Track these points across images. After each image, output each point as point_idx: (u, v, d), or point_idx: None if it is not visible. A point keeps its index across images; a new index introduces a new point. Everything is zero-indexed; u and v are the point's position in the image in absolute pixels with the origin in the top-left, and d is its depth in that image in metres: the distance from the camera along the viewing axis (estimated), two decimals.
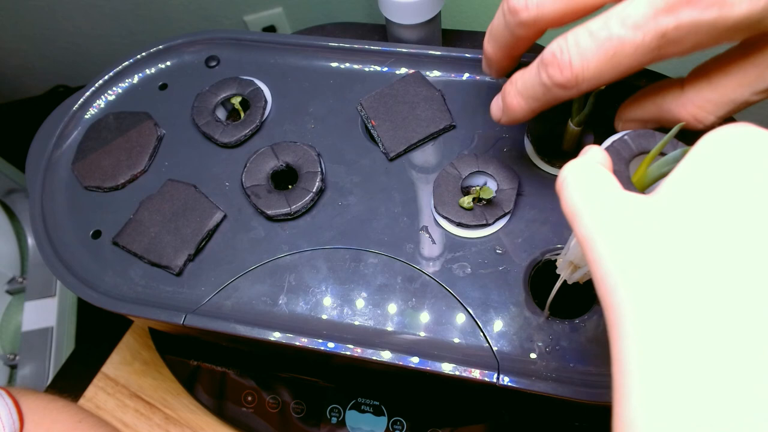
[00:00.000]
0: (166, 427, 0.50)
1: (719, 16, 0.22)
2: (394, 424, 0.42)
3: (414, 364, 0.31)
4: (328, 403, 0.43)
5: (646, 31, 0.22)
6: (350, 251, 0.36)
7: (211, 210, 0.37)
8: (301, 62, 0.43)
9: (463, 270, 0.34)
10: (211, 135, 0.40)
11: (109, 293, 0.36)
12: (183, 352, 0.46)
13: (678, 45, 0.23)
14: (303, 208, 0.37)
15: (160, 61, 0.45)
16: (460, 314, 0.33)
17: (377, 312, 0.34)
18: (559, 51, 0.24)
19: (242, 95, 0.42)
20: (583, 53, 0.24)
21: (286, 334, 0.32)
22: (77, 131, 0.43)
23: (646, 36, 0.23)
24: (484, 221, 0.34)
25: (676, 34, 0.23)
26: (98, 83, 0.44)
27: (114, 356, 0.53)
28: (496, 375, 0.30)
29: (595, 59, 0.24)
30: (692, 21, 0.22)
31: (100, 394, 0.52)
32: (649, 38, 0.23)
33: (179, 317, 0.34)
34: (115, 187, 0.40)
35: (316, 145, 0.39)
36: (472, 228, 0.35)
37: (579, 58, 0.24)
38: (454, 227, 0.35)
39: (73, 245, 0.38)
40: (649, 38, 0.23)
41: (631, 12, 0.23)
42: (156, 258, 0.36)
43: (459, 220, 0.34)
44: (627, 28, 0.23)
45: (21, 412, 0.36)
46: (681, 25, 0.22)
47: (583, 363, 0.31)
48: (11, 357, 0.87)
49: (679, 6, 0.22)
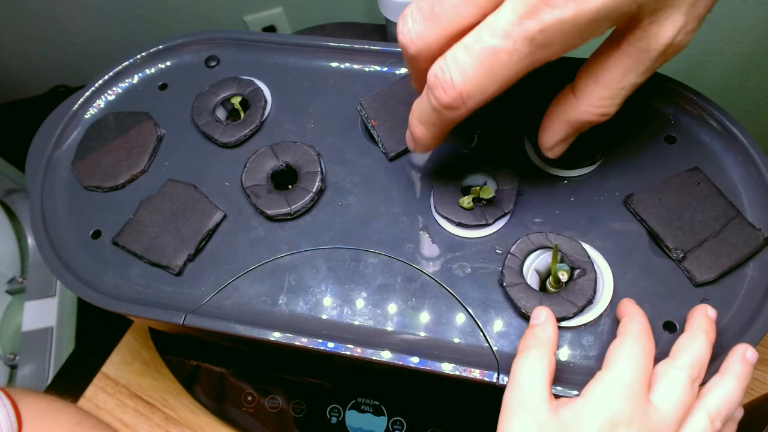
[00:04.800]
0: (166, 427, 0.50)
1: (578, 11, 0.23)
2: (394, 424, 0.42)
3: (414, 364, 0.31)
4: (328, 403, 0.43)
5: (515, 37, 0.24)
6: (350, 251, 0.36)
7: (211, 210, 0.37)
8: (301, 62, 0.43)
9: (463, 270, 0.34)
10: (211, 135, 0.40)
11: (109, 293, 0.36)
12: (183, 352, 0.46)
13: (549, 48, 0.24)
14: (303, 208, 0.37)
15: (160, 61, 0.45)
16: (460, 314, 0.33)
17: (377, 312, 0.34)
18: (440, 72, 0.25)
19: (242, 95, 0.42)
20: (463, 69, 0.25)
21: (286, 334, 0.32)
22: (77, 131, 0.43)
23: (516, 42, 0.24)
24: (484, 221, 0.34)
25: (544, 36, 0.23)
26: (98, 83, 0.44)
27: (114, 356, 0.53)
28: (496, 375, 0.30)
29: (475, 73, 0.24)
30: (554, 21, 0.23)
31: (100, 394, 0.52)
32: (519, 44, 0.24)
33: (179, 317, 0.34)
34: (115, 187, 0.40)
35: (316, 145, 0.39)
36: (472, 228, 0.35)
37: (459, 76, 0.25)
38: (454, 227, 0.35)
39: (73, 245, 0.38)
40: (520, 44, 0.24)
41: (499, 21, 0.24)
42: (156, 258, 0.36)
43: (459, 220, 0.34)
44: (497, 37, 0.24)
45: (19, 414, 0.36)
46: (545, 27, 0.23)
47: (583, 363, 0.31)
48: (11, 357, 0.87)
49: (539, 8, 0.23)
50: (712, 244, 0.32)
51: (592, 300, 0.32)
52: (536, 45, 0.24)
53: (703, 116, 0.37)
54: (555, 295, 0.32)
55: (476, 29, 0.24)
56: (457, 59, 0.25)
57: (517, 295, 0.32)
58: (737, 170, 0.35)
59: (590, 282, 0.32)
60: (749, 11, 0.66)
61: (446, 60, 0.25)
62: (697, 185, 0.34)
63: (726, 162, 0.36)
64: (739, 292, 0.32)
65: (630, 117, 0.37)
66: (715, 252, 0.32)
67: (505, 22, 0.23)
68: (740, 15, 0.66)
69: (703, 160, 0.36)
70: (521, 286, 0.32)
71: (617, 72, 0.27)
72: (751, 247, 0.32)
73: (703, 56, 0.72)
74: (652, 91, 0.38)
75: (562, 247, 0.33)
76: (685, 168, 0.35)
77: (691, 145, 0.37)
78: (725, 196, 0.34)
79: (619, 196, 0.35)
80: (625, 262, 0.33)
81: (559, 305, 0.31)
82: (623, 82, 0.27)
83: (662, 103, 0.38)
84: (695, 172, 0.35)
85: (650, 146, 0.37)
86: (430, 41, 0.26)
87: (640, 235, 0.34)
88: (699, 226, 0.33)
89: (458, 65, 0.25)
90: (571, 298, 0.31)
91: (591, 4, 0.22)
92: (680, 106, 0.37)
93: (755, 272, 0.32)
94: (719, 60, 0.73)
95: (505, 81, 0.25)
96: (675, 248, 0.33)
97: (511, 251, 0.33)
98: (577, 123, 0.29)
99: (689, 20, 0.25)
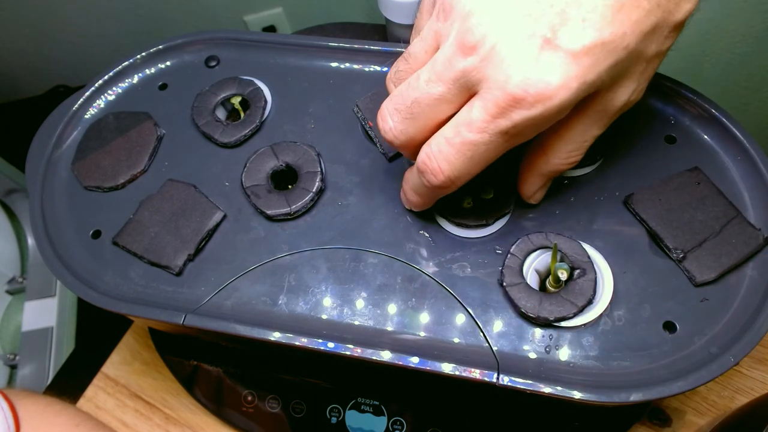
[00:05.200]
0: (166, 427, 0.50)
1: (545, 109, 0.25)
2: (394, 424, 0.42)
3: (414, 364, 0.31)
4: (328, 403, 0.43)
5: (490, 132, 0.26)
6: (350, 251, 0.36)
7: (211, 210, 0.37)
8: (301, 62, 0.43)
9: (463, 270, 0.34)
10: (211, 135, 0.40)
11: (109, 293, 0.36)
12: (183, 352, 0.46)
13: (522, 136, 0.27)
14: (303, 208, 0.37)
15: (160, 61, 0.45)
16: (460, 314, 0.33)
17: (377, 312, 0.34)
18: (428, 160, 0.28)
19: (242, 95, 0.42)
20: (447, 158, 0.27)
21: (286, 334, 0.32)
22: (77, 131, 0.43)
23: (491, 136, 0.26)
24: (484, 221, 0.34)
25: (516, 130, 0.26)
26: (98, 83, 0.44)
27: (114, 356, 0.53)
28: (496, 375, 0.30)
29: (459, 161, 0.27)
30: (524, 119, 0.25)
31: (100, 394, 0.52)
32: (495, 137, 0.26)
33: (179, 317, 0.34)
34: (115, 187, 0.40)
35: (316, 145, 0.39)
36: (472, 228, 0.35)
37: (446, 164, 0.28)
38: (454, 227, 0.35)
39: (72, 245, 0.38)
40: (495, 137, 0.26)
41: (474, 118, 0.26)
42: (156, 258, 0.36)
43: (459, 220, 0.34)
44: (474, 132, 0.26)
45: (17, 416, 0.36)
46: (517, 124, 0.25)
47: (583, 363, 0.31)
48: (11, 357, 0.87)
49: (508, 110, 0.25)
50: (712, 244, 0.32)
51: (592, 300, 0.32)
52: (509, 136, 0.26)
53: (703, 116, 0.37)
54: (555, 295, 0.32)
55: (454, 123, 0.27)
56: (441, 150, 0.27)
57: (517, 295, 0.32)
58: (737, 170, 0.35)
59: (590, 282, 0.32)
60: (749, 11, 0.66)
61: (431, 149, 0.28)
62: (697, 185, 0.34)
63: (726, 162, 0.36)
64: (739, 292, 0.32)
65: (630, 117, 0.37)
66: (715, 252, 0.32)
67: (480, 120, 0.26)
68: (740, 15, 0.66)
69: (703, 160, 0.36)
70: (521, 286, 0.32)
71: (579, 130, 0.29)
72: (751, 247, 0.32)
73: (703, 56, 0.73)
74: (652, 91, 0.38)
75: (562, 247, 0.33)
76: (685, 168, 0.35)
77: (691, 145, 0.37)
78: (725, 196, 0.34)
79: (619, 196, 0.35)
80: (625, 262, 0.33)
81: (558, 305, 0.31)
82: (586, 136, 0.30)
83: (662, 103, 0.38)
84: (695, 172, 0.35)
85: (650, 146, 0.37)
86: (413, 136, 0.29)
87: (640, 235, 0.34)
88: (699, 226, 0.33)
89: (443, 155, 0.27)
90: (571, 298, 0.31)
91: (556, 101, 0.25)
92: (680, 106, 0.37)
93: (755, 272, 0.32)
94: (719, 60, 0.73)
95: (488, 162, 0.28)
96: (675, 248, 0.33)
97: (511, 251, 0.33)
98: (550, 174, 0.32)
99: (640, 82, 0.28)
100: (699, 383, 0.29)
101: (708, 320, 0.31)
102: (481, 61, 0.25)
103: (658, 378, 0.30)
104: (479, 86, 0.26)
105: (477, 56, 0.25)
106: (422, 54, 0.29)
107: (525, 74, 0.24)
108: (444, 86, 0.27)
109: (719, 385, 0.46)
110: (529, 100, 0.25)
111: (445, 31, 0.27)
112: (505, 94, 0.25)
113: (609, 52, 0.25)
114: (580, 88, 0.25)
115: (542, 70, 0.24)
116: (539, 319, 0.31)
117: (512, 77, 0.24)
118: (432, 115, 0.28)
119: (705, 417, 0.45)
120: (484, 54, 0.25)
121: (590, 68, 0.25)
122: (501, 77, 0.25)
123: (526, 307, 0.32)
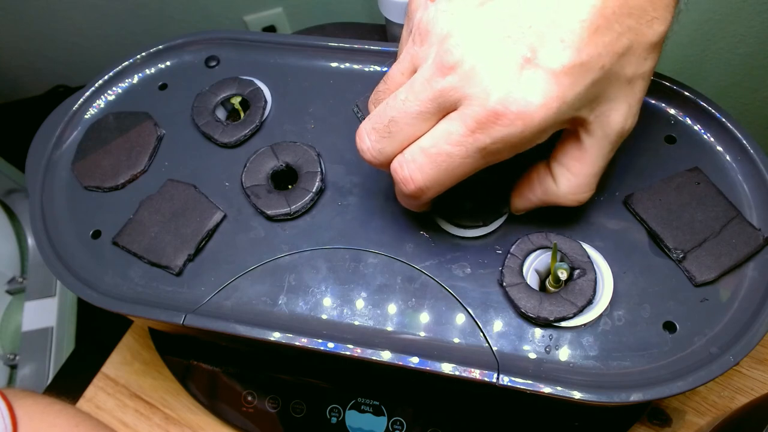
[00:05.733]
0: (166, 427, 0.50)
1: (525, 127, 0.25)
2: (394, 424, 0.42)
3: (414, 364, 0.31)
4: (328, 403, 0.43)
5: (467, 147, 0.26)
6: (350, 251, 0.36)
7: (210, 210, 0.37)
8: (301, 62, 0.43)
9: (463, 270, 0.34)
10: (210, 135, 0.40)
11: (108, 293, 0.36)
12: (183, 352, 0.46)
13: (499, 154, 0.26)
14: (303, 208, 0.37)
15: (159, 61, 0.45)
16: (460, 314, 0.33)
17: (377, 312, 0.34)
18: (399, 168, 0.28)
19: (242, 95, 0.42)
20: (421, 168, 0.27)
21: (286, 334, 0.32)
22: (77, 131, 0.43)
23: (468, 150, 0.26)
24: (481, 222, 0.34)
25: (494, 147, 0.26)
26: (98, 83, 0.44)
27: (114, 356, 0.53)
28: (495, 375, 0.30)
29: (432, 171, 0.27)
30: (504, 136, 0.25)
31: (100, 394, 0.52)
32: (472, 152, 0.26)
33: (179, 317, 0.34)
34: (114, 187, 0.40)
35: (316, 145, 0.39)
36: (470, 228, 0.35)
37: (418, 173, 0.27)
38: (454, 227, 0.35)
39: (72, 245, 0.38)
40: (472, 152, 0.26)
41: (453, 131, 0.26)
42: (156, 258, 0.36)
43: (457, 219, 0.34)
44: (452, 144, 0.26)
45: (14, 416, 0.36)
46: (495, 140, 0.25)
47: (583, 363, 0.31)
48: (11, 357, 0.87)
49: (488, 126, 0.25)
50: (712, 244, 0.32)
51: (592, 300, 0.32)
52: (486, 152, 0.26)
53: (703, 116, 0.37)
54: (555, 295, 0.32)
55: (431, 134, 0.27)
56: (415, 159, 0.27)
57: (517, 295, 0.32)
58: (737, 170, 0.35)
59: (590, 282, 0.32)
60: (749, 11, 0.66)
61: (405, 157, 0.28)
62: (697, 185, 0.34)
63: (726, 162, 0.36)
64: (739, 292, 0.32)
65: None
66: (715, 252, 0.32)
67: (458, 134, 0.26)
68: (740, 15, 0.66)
69: (703, 160, 0.36)
70: (521, 286, 0.32)
71: (586, 162, 0.29)
72: (751, 247, 0.32)
73: (703, 56, 0.73)
74: (652, 91, 0.38)
75: (562, 247, 0.33)
76: (685, 168, 0.35)
77: (691, 145, 0.37)
78: (725, 196, 0.34)
79: (619, 196, 0.35)
80: (625, 262, 0.33)
81: (558, 305, 0.31)
82: (594, 168, 0.29)
83: (662, 103, 0.38)
84: (695, 172, 0.35)
85: (650, 146, 0.37)
86: (390, 155, 0.29)
87: (640, 235, 0.34)
88: (699, 226, 0.33)
89: (417, 164, 0.27)
90: (571, 298, 0.31)
91: (537, 120, 0.25)
92: (680, 106, 0.37)
93: (755, 272, 0.32)
94: (719, 60, 0.73)
95: (461, 176, 0.28)
96: (675, 248, 0.33)
97: (511, 251, 0.33)
98: (551, 203, 0.32)
99: (631, 104, 0.28)
100: (699, 383, 0.29)
101: (708, 320, 0.31)
102: (460, 80, 0.25)
103: (658, 378, 0.30)
104: (458, 104, 0.26)
105: (456, 75, 0.25)
106: (399, 76, 0.29)
107: (506, 91, 0.24)
108: (422, 105, 0.26)
109: (719, 385, 0.46)
110: (510, 117, 0.24)
111: (423, 54, 0.27)
112: (486, 110, 0.25)
113: (587, 72, 0.25)
114: (560, 108, 0.25)
115: (524, 89, 0.24)
116: (539, 319, 0.31)
117: (493, 94, 0.25)
118: (410, 134, 0.27)
119: (705, 417, 0.45)
120: (464, 73, 0.25)
121: (570, 88, 0.25)
122: (481, 94, 0.25)
123: (526, 307, 0.32)
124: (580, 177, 0.30)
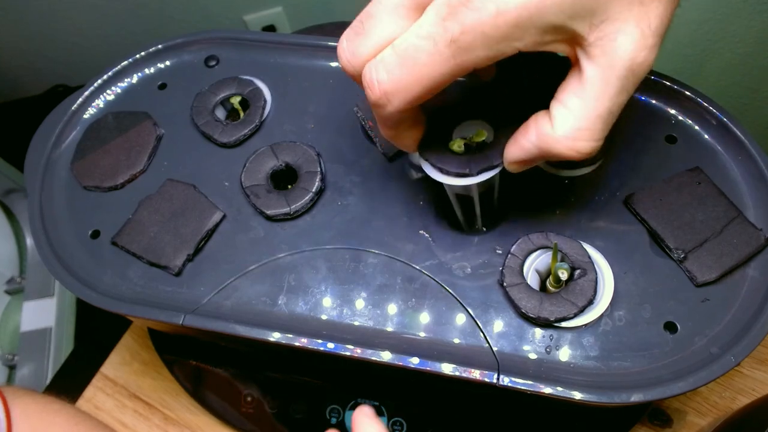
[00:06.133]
0: (165, 427, 0.49)
1: (498, 12, 0.22)
2: (394, 425, 0.42)
3: (414, 364, 0.31)
4: (328, 404, 0.43)
5: (437, 38, 0.24)
6: (350, 251, 0.36)
7: (210, 210, 0.37)
8: (301, 62, 0.43)
9: (463, 270, 0.34)
10: (210, 135, 0.40)
11: (108, 293, 0.36)
12: (182, 352, 0.46)
13: (471, 51, 0.24)
14: (302, 208, 0.37)
15: (159, 60, 0.45)
16: (460, 314, 0.33)
17: (377, 312, 0.34)
18: (368, 71, 0.26)
19: (242, 95, 0.42)
20: (388, 68, 0.25)
21: (285, 335, 0.32)
22: (76, 131, 0.43)
23: (438, 43, 0.24)
24: (467, 170, 0.30)
25: (465, 38, 0.23)
26: (97, 83, 0.44)
27: (113, 356, 0.53)
28: (496, 375, 0.30)
29: (399, 72, 0.25)
30: (475, 23, 0.23)
31: (99, 394, 0.52)
32: (441, 46, 0.24)
33: (178, 317, 0.33)
34: (114, 187, 0.40)
35: (316, 145, 0.39)
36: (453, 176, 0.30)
37: (385, 75, 0.25)
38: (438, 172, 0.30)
39: (71, 245, 0.38)
40: (441, 45, 0.24)
41: (423, 22, 0.24)
42: (155, 258, 0.36)
43: (440, 165, 0.30)
44: (421, 37, 0.24)
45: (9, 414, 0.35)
46: (466, 29, 0.23)
47: (584, 363, 0.31)
48: (10, 357, 0.87)
49: (459, 9, 0.23)
50: (713, 244, 0.32)
51: (592, 300, 0.31)
52: (457, 47, 0.24)
53: (703, 116, 0.37)
54: (555, 295, 0.32)
55: (405, 33, 0.25)
56: (384, 59, 0.25)
57: (518, 295, 0.32)
58: (738, 170, 0.35)
59: (590, 282, 0.32)
60: (749, 11, 0.66)
61: (375, 60, 0.26)
62: (697, 185, 0.34)
63: (727, 162, 0.36)
64: (740, 292, 0.32)
65: (630, 117, 0.37)
66: (716, 252, 0.32)
67: (429, 23, 0.24)
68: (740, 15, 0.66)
69: (704, 160, 0.36)
70: (521, 286, 0.32)
71: (588, 98, 0.25)
72: (752, 247, 0.32)
73: (703, 56, 0.72)
74: (652, 91, 0.38)
75: (563, 247, 0.33)
76: (686, 168, 0.35)
77: (692, 145, 0.36)
78: (726, 196, 0.34)
79: (619, 196, 0.35)
80: (626, 262, 0.33)
81: (559, 305, 0.31)
82: (597, 108, 0.25)
83: (662, 103, 0.38)
84: (696, 172, 0.35)
85: (650, 146, 0.37)
86: (365, 57, 0.26)
87: (641, 235, 0.34)
88: (700, 226, 0.33)
89: (384, 65, 0.25)
90: (572, 299, 0.31)
91: (511, 6, 0.22)
92: (680, 106, 0.37)
93: (756, 272, 0.32)
94: (719, 60, 0.73)
95: (430, 82, 0.25)
96: (676, 248, 0.33)
97: (511, 251, 0.33)
98: (546, 152, 0.27)
99: (645, 33, 0.24)
100: (700, 384, 0.29)
101: (709, 320, 0.31)
102: None
103: (659, 378, 0.30)
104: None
105: None
106: None
107: None
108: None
109: (720, 386, 0.46)
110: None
111: None
112: None
113: None
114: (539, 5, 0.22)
115: None
116: (539, 320, 0.31)
117: None
118: (384, 31, 0.25)
119: (706, 418, 0.45)
120: None
121: None
122: None
123: (527, 308, 0.31)
124: (579, 118, 0.25)
